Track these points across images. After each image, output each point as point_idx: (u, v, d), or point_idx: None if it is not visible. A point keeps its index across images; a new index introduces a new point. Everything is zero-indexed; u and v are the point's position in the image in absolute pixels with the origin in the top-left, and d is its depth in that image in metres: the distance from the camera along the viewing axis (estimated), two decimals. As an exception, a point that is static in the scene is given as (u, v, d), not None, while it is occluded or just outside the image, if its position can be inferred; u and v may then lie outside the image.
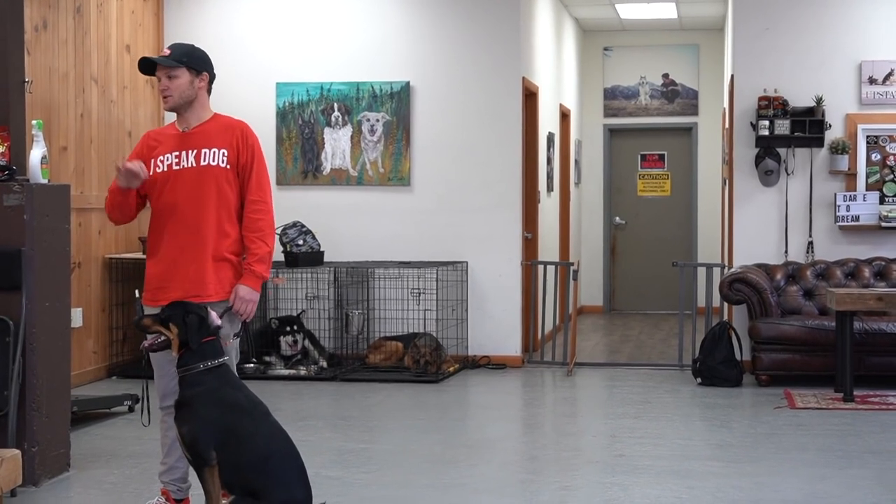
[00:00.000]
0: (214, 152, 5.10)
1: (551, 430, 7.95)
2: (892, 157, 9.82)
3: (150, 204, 5.26)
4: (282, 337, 9.52)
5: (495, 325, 10.15)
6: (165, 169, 5.11)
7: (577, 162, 14.39)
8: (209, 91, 5.21)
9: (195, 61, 5.09)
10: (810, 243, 9.84)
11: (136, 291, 6.99)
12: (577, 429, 7.92)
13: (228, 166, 5.11)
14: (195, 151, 5.10)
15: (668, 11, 13.55)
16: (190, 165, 5.09)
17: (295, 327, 9.55)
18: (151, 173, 5.12)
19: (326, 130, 10.33)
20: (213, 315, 4.77)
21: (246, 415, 4.65)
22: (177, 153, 5.11)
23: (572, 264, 10.59)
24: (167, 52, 5.10)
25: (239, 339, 5.22)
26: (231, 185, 5.12)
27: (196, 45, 5.24)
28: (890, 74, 9.75)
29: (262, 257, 5.09)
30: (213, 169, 5.09)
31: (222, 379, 4.70)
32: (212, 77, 5.18)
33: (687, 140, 14.88)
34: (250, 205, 5.13)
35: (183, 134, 5.15)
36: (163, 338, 4.72)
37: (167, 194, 5.12)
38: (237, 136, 5.14)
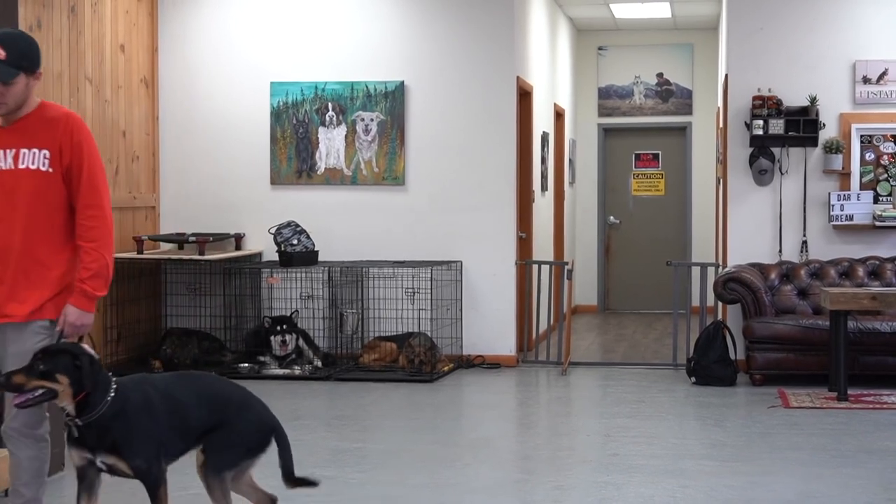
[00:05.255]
0: (35, 154, 4.44)
1: (545, 430, 7.96)
2: (885, 157, 9.84)
3: None
4: (272, 336, 9.51)
5: (490, 325, 10.15)
6: None
7: (571, 161, 14.40)
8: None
9: (31, 62, 4.46)
10: (804, 242, 9.85)
11: None
12: (572, 428, 7.93)
13: (51, 170, 4.45)
14: (13, 151, 4.45)
15: (663, 11, 13.55)
16: (9, 167, 4.45)
17: (285, 327, 9.54)
18: None
19: (321, 130, 10.33)
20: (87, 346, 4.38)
21: (170, 401, 4.39)
22: None
23: (567, 264, 10.59)
24: (1, 53, 4.38)
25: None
26: (57, 192, 4.46)
27: (25, 34, 4.62)
28: (884, 74, 9.77)
29: (97, 272, 4.44)
30: (31, 174, 4.43)
31: (130, 393, 4.35)
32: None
33: (681, 139, 14.90)
34: (83, 210, 4.46)
35: (1, 130, 4.49)
36: (41, 391, 4.20)
37: None
38: (61, 133, 4.46)
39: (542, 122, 11.97)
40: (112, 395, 4.30)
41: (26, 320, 4.47)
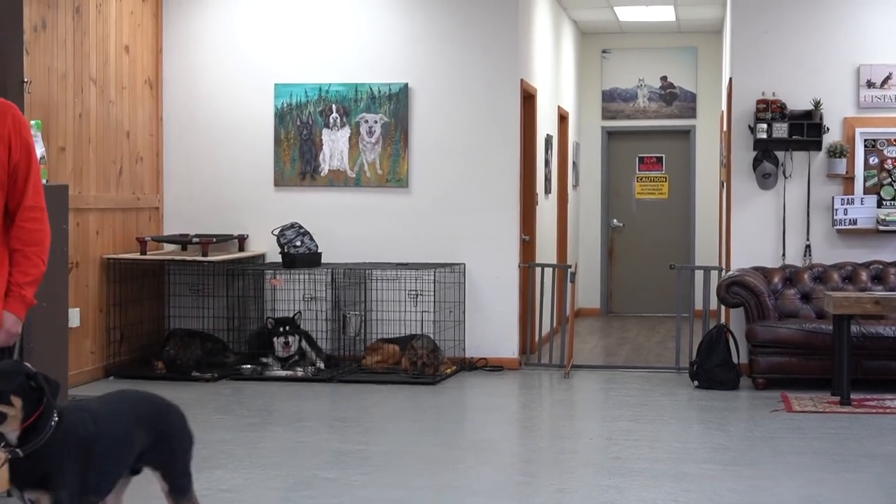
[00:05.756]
0: None
1: (548, 433, 7.95)
2: (889, 161, 9.83)
3: None
4: (275, 338, 9.52)
5: (493, 327, 10.15)
6: None
7: (575, 164, 14.40)
8: None
9: None
10: (808, 246, 9.85)
11: None
12: (574, 431, 7.92)
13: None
14: None
15: (667, 14, 13.56)
16: None
17: (288, 328, 9.54)
18: None
19: (325, 132, 10.33)
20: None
21: (110, 427, 3.96)
22: None
23: (570, 266, 10.59)
24: None
25: None
26: (5, 188, 4.09)
27: None
28: (888, 78, 9.76)
29: (36, 279, 4.10)
30: None
31: (73, 419, 3.84)
32: None
33: (685, 143, 14.89)
34: (25, 212, 4.10)
35: None
36: None
37: None
38: (9, 128, 4.06)
39: (545, 124, 11.97)
40: (55, 420, 3.75)
41: None
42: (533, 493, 5.99)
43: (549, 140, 12.19)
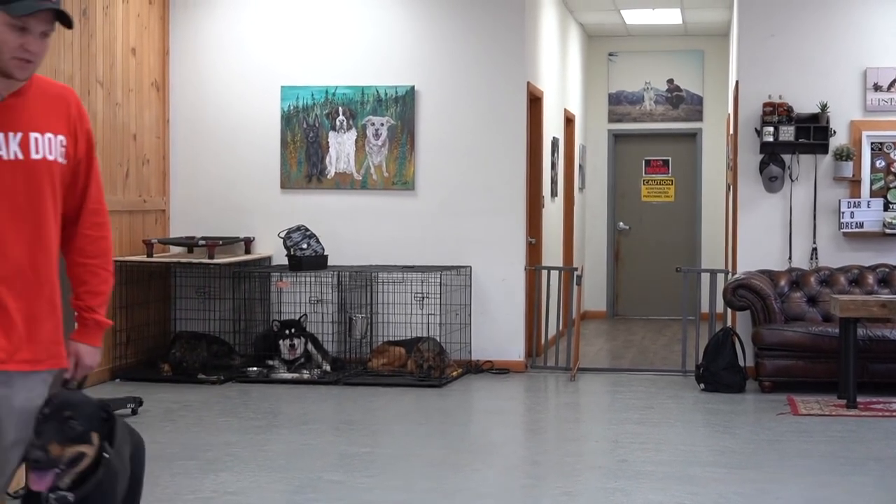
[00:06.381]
0: (50, 140, 3.30)
1: (554, 436, 7.95)
2: (896, 164, 9.83)
3: None
4: (281, 340, 9.52)
5: (499, 330, 10.15)
6: None
7: (581, 167, 14.40)
8: None
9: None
10: (814, 250, 9.84)
11: None
12: (580, 434, 7.92)
13: (66, 162, 3.37)
14: (20, 135, 3.25)
15: (673, 17, 13.55)
16: (14, 157, 3.25)
17: (294, 331, 9.54)
18: None
19: (331, 134, 10.34)
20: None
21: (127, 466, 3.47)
22: None
23: (576, 269, 10.59)
24: None
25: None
26: (64, 192, 3.41)
27: None
28: (895, 81, 9.75)
29: (107, 297, 3.52)
30: (48, 165, 3.30)
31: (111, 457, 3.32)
32: None
33: (691, 146, 14.88)
34: (89, 216, 3.47)
35: None
36: (69, 460, 3.20)
37: None
38: (73, 115, 3.39)
39: (552, 127, 11.97)
40: (107, 454, 3.28)
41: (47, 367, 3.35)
42: (539, 497, 5.99)
43: (555, 143, 12.19)
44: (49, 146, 3.27)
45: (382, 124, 10.25)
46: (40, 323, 3.32)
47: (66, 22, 3.25)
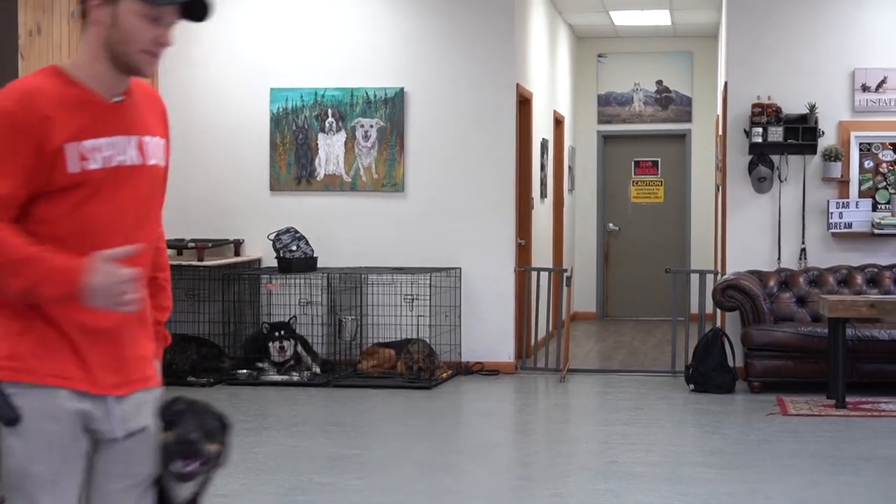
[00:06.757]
0: (157, 143, 2.99)
1: (544, 437, 7.95)
2: (884, 165, 9.84)
3: (44, 220, 2.80)
4: (271, 343, 9.51)
5: (488, 332, 10.15)
6: (101, 165, 2.83)
7: (570, 168, 14.40)
8: None
9: None
10: (803, 250, 9.85)
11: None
12: (570, 435, 7.93)
13: (165, 166, 3.05)
14: (135, 139, 2.91)
15: (662, 18, 13.57)
16: (134, 163, 2.90)
17: (284, 333, 9.54)
18: (73, 170, 2.79)
19: (320, 136, 10.33)
20: None
21: None
22: (110, 139, 2.86)
23: (566, 270, 10.59)
24: None
25: None
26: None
27: None
28: (883, 82, 9.77)
29: (170, 312, 3.19)
30: (158, 171, 2.99)
31: None
32: None
33: (680, 147, 14.90)
34: (157, 228, 3.12)
35: (113, 106, 2.90)
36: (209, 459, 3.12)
37: (97, 207, 2.83)
38: (166, 117, 3.10)
39: (541, 128, 11.98)
40: None
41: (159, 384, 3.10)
42: (529, 498, 5.99)
43: (544, 144, 12.20)
44: (157, 150, 2.98)
45: (372, 126, 10.25)
46: (148, 337, 3.08)
47: (200, 14, 3.04)
